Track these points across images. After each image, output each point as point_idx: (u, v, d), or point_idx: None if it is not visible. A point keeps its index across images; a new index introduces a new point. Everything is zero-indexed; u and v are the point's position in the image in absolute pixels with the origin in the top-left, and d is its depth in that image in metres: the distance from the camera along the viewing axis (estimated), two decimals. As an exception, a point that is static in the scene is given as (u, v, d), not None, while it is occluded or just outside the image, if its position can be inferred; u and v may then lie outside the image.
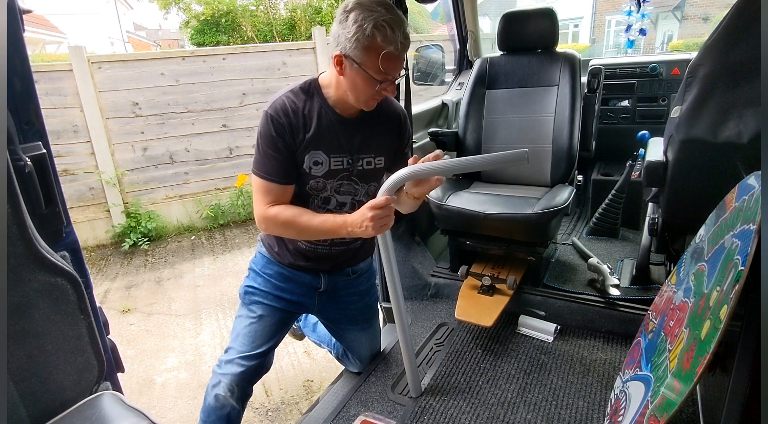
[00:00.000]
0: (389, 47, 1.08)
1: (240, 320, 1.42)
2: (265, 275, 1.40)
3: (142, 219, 3.92)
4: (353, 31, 1.06)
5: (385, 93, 1.17)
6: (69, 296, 0.78)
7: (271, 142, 1.17)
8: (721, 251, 0.96)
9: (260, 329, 1.39)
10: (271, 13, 8.01)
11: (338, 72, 1.14)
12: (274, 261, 1.40)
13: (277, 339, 1.44)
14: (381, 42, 1.07)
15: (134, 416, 0.75)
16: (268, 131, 1.17)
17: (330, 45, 1.15)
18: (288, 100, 1.18)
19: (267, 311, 1.40)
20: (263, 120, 1.17)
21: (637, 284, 1.89)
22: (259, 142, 1.19)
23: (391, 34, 1.07)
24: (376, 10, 1.07)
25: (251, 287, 1.41)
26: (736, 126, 1.10)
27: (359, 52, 1.08)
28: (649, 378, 1.08)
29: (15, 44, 0.75)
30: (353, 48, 1.08)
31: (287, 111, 1.17)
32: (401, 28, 1.09)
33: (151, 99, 3.88)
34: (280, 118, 1.16)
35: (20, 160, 0.76)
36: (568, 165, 2.05)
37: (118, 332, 2.64)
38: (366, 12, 1.06)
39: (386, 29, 1.06)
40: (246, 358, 1.35)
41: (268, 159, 1.19)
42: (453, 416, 1.41)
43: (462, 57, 2.67)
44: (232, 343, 1.40)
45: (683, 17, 14.47)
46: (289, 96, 1.19)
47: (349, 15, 1.07)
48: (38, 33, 10.30)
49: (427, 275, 2.11)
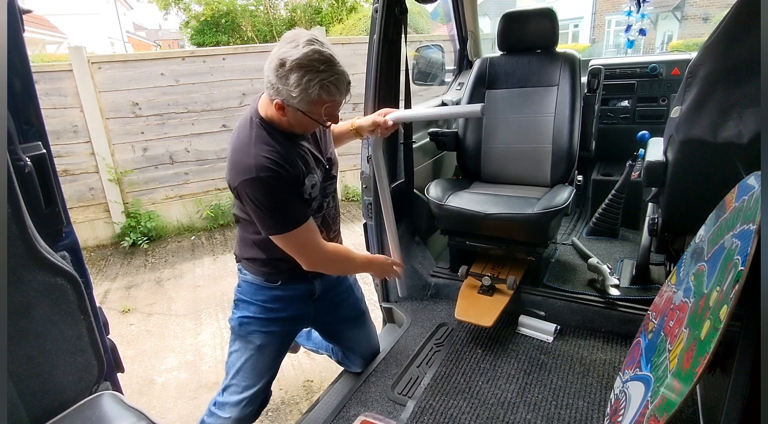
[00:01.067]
0: (334, 99, 1.10)
1: (237, 353, 1.38)
2: (258, 302, 1.36)
3: (142, 219, 3.92)
4: (297, 92, 1.06)
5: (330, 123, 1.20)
6: (69, 296, 0.78)
7: (281, 195, 1.15)
8: (721, 251, 0.96)
9: (261, 359, 1.37)
10: (271, 13, 8.01)
11: (280, 114, 1.13)
12: (265, 286, 1.35)
13: (278, 365, 1.44)
14: (326, 98, 1.08)
15: (134, 416, 0.75)
16: (273, 189, 1.12)
17: (266, 87, 1.12)
18: (266, 153, 1.13)
19: (266, 339, 1.37)
20: (258, 186, 1.11)
21: (637, 284, 1.89)
22: (269, 207, 1.14)
23: (335, 90, 1.08)
24: (318, 70, 1.05)
25: (246, 317, 1.36)
26: (736, 126, 1.10)
27: (303, 105, 1.08)
28: (649, 378, 1.07)
29: (15, 44, 0.76)
30: (297, 103, 1.08)
31: (275, 161, 1.13)
32: (344, 81, 1.09)
33: (151, 99, 3.88)
34: (275, 171, 1.12)
35: (20, 160, 0.76)
36: (568, 165, 2.05)
37: (118, 332, 2.64)
38: (308, 74, 1.04)
39: (331, 88, 1.07)
40: (252, 396, 1.35)
41: (289, 210, 1.16)
42: (453, 416, 1.41)
43: (462, 57, 2.67)
44: (232, 379, 1.36)
45: (683, 17, 14.46)
46: (262, 148, 1.14)
47: (290, 75, 1.05)
48: (38, 33, 10.30)
49: (427, 275, 2.11)
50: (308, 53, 1.04)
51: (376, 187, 1.85)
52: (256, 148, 1.13)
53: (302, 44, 1.05)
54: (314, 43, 1.05)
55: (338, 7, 7.78)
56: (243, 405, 1.34)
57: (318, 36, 1.08)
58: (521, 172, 2.15)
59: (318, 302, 1.45)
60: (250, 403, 1.35)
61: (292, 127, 1.18)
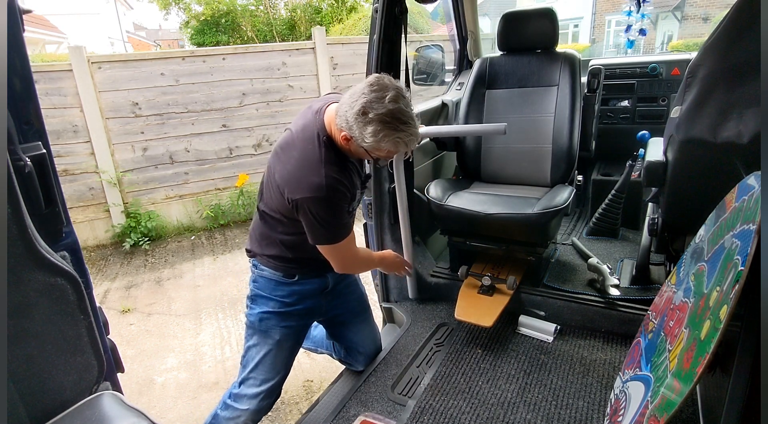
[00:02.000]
0: (399, 151, 1.19)
1: (256, 348, 1.41)
2: (277, 297, 1.39)
3: (142, 219, 3.92)
4: (370, 140, 1.12)
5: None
6: (69, 296, 0.78)
7: (342, 211, 1.24)
8: (721, 251, 0.96)
9: (280, 353, 1.41)
10: (271, 13, 8.01)
11: (344, 143, 1.19)
12: (284, 281, 1.39)
13: (293, 360, 1.49)
14: (394, 150, 1.18)
15: (134, 416, 0.75)
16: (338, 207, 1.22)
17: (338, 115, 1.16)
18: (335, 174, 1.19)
19: (284, 334, 1.41)
20: (327, 203, 1.18)
21: (637, 284, 1.89)
22: (330, 222, 1.22)
23: (404, 147, 1.16)
24: (396, 129, 1.10)
25: (266, 313, 1.40)
26: (736, 126, 1.10)
27: (369, 139, 1.12)
28: (649, 378, 1.08)
29: (15, 44, 0.76)
30: (362, 136, 1.12)
31: (342, 183, 1.20)
32: (415, 141, 1.16)
33: (151, 99, 3.88)
34: (342, 193, 1.21)
35: (20, 160, 0.76)
36: (568, 165, 2.05)
37: (118, 332, 2.64)
38: (388, 130, 1.10)
39: (401, 145, 1.14)
40: (270, 390, 1.40)
41: (344, 224, 1.26)
42: (453, 416, 1.41)
43: (462, 57, 2.67)
44: (251, 373, 1.40)
45: (683, 17, 14.46)
46: (332, 169, 1.19)
47: (369, 126, 1.10)
48: (38, 33, 10.30)
49: (427, 275, 2.11)
50: (393, 111, 1.09)
51: (376, 188, 1.86)
52: (326, 168, 1.18)
53: (388, 99, 1.10)
54: (399, 101, 1.11)
55: (338, 7, 7.78)
56: (260, 398, 1.38)
57: (403, 90, 1.14)
58: (521, 172, 2.15)
59: (330, 295, 1.51)
60: (267, 396, 1.39)
61: (348, 153, 1.24)
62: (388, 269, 1.63)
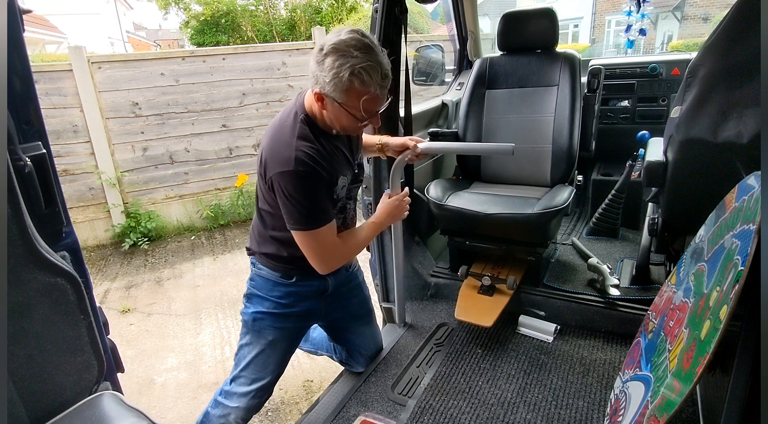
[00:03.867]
0: (369, 90, 1.08)
1: (249, 347, 1.39)
2: (273, 298, 1.36)
3: (142, 219, 3.92)
4: (330, 77, 1.06)
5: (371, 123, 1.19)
6: (69, 296, 0.78)
7: (314, 193, 1.15)
8: (721, 251, 0.96)
9: (273, 354, 1.39)
10: (271, 13, 8.01)
11: (320, 106, 1.14)
12: (281, 281, 1.36)
13: (288, 361, 1.46)
14: (359, 87, 1.07)
15: (134, 416, 0.75)
16: (307, 186, 1.13)
17: (309, 78, 1.13)
18: (307, 149, 1.14)
19: (279, 335, 1.38)
20: (293, 180, 1.12)
21: (637, 284, 1.89)
22: (299, 202, 1.14)
23: (368, 79, 1.06)
24: (352, 56, 1.04)
25: (260, 313, 1.37)
26: (736, 126, 1.10)
27: (339, 93, 1.08)
28: (649, 378, 1.07)
29: (15, 44, 0.75)
30: (332, 90, 1.08)
31: (314, 159, 1.14)
32: (380, 70, 1.08)
33: (151, 99, 3.88)
34: (312, 169, 1.13)
35: (20, 160, 0.76)
36: (568, 165, 2.05)
37: (118, 332, 2.64)
38: (342, 58, 1.04)
39: (363, 75, 1.05)
40: (260, 389, 1.37)
41: (317, 209, 1.17)
42: (453, 416, 1.41)
43: (462, 57, 2.67)
44: (242, 371, 1.38)
45: (683, 17, 14.46)
46: (303, 144, 1.14)
47: (326, 59, 1.06)
48: (38, 33, 10.29)
49: (427, 275, 2.11)
50: (346, 39, 1.05)
51: (376, 188, 1.85)
52: (297, 142, 1.14)
53: (344, 33, 1.06)
54: (355, 32, 1.07)
55: (338, 7, 7.78)
56: (250, 397, 1.36)
57: (364, 30, 1.09)
58: (521, 172, 2.15)
59: (329, 298, 1.46)
60: (257, 395, 1.37)
61: (331, 124, 1.18)
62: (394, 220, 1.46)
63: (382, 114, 1.21)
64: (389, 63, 1.11)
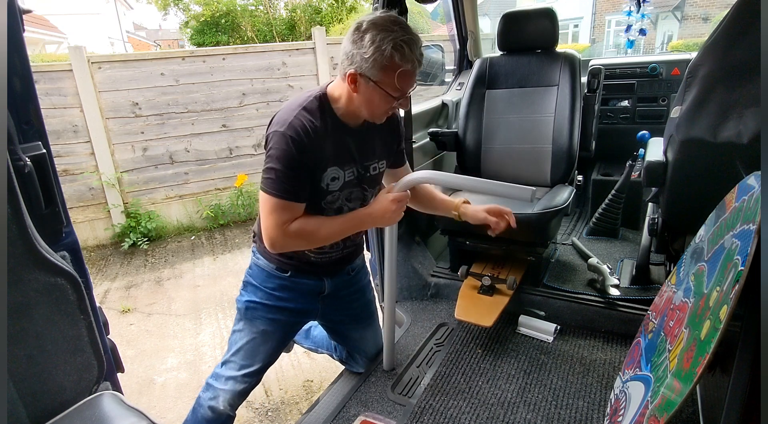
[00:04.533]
0: (407, 65, 1.10)
1: (241, 334, 1.39)
2: (267, 288, 1.36)
3: (142, 219, 3.92)
4: (371, 52, 1.07)
5: (398, 107, 1.18)
6: (69, 296, 0.78)
7: (292, 162, 1.13)
8: (721, 251, 0.96)
9: (263, 344, 1.38)
10: (270, 13, 8.01)
11: (352, 89, 1.14)
12: (275, 274, 1.36)
13: (278, 354, 1.45)
14: (399, 61, 1.08)
15: (134, 416, 0.75)
16: (289, 152, 1.12)
17: (341, 63, 1.14)
18: (305, 120, 1.14)
19: (271, 326, 1.38)
20: (280, 141, 1.12)
21: (637, 284, 1.89)
22: (276, 163, 1.13)
23: (409, 53, 1.08)
24: (393, 30, 1.07)
25: (252, 302, 1.37)
26: (736, 126, 1.10)
27: (376, 71, 1.09)
28: (649, 378, 1.08)
29: (15, 44, 0.76)
30: (370, 67, 1.09)
31: (307, 131, 1.13)
32: (417, 46, 1.11)
33: (151, 99, 3.88)
34: (301, 138, 1.12)
35: (20, 160, 0.76)
36: (568, 165, 2.05)
37: (118, 332, 2.64)
38: (383, 32, 1.06)
39: (404, 49, 1.07)
40: (248, 375, 1.36)
41: (288, 180, 1.14)
42: (453, 416, 1.41)
43: (462, 57, 2.67)
44: (232, 356, 1.38)
45: (683, 17, 14.46)
46: (305, 115, 1.15)
47: (365, 35, 1.07)
48: (38, 33, 10.29)
49: (427, 275, 2.11)
50: (384, 17, 1.09)
51: None
52: (300, 111, 1.15)
53: (378, 14, 1.10)
54: (390, 13, 1.11)
55: (338, 7, 7.78)
56: (239, 381, 1.36)
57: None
58: (521, 172, 2.15)
59: (328, 299, 1.46)
60: (245, 380, 1.37)
61: (358, 110, 1.18)
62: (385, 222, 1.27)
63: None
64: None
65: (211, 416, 1.33)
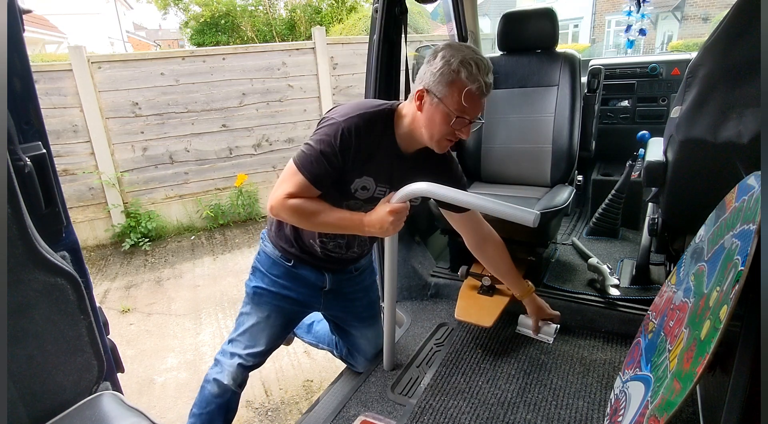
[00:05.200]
0: (473, 85, 1.11)
1: (248, 316, 1.44)
2: (272, 275, 1.42)
3: (142, 219, 3.92)
4: (439, 66, 1.10)
5: (459, 134, 1.18)
6: (69, 296, 0.78)
7: (330, 151, 1.14)
8: (721, 251, 0.96)
9: (268, 329, 1.43)
10: (270, 13, 8.02)
11: (417, 107, 1.16)
12: (279, 261, 1.41)
13: (282, 339, 1.50)
14: (465, 78, 1.10)
15: (134, 416, 0.75)
16: (333, 143, 1.14)
17: (414, 84, 1.19)
18: (364, 124, 1.16)
19: (275, 312, 1.43)
20: (332, 129, 1.14)
21: (637, 284, 1.89)
22: (318, 144, 1.15)
23: (476, 72, 1.10)
24: (464, 50, 1.12)
25: (259, 288, 1.43)
26: (736, 126, 1.10)
27: (442, 86, 1.11)
28: (649, 378, 1.08)
29: (15, 44, 0.76)
30: (436, 82, 1.11)
31: (359, 134, 1.15)
32: (487, 70, 1.13)
33: (151, 99, 3.88)
34: (350, 137, 1.14)
35: (20, 160, 0.76)
36: (567, 165, 2.05)
37: (118, 332, 2.64)
38: (454, 50, 1.12)
39: (472, 67, 1.10)
40: (252, 355, 1.41)
41: (318, 163, 1.15)
42: (453, 416, 1.41)
43: (462, 57, 2.66)
44: (239, 336, 1.43)
45: (683, 17, 14.46)
46: (367, 120, 1.16)
47: (438, 54, 1.12)
48: (38, 33, 10.29)
49: (427, 275, 2.11)
50: (460, 43, 1.17)
51: None
52: (365, 114, 1.17)
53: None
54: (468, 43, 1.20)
55: (338, 7, 7.78)
56: (243, 358, 1.41)
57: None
58: (521, 172, 2.15)
59: (330, 294, 1.49)
60: (249, 359, 1.42)
61: (420, 133, 1.19)
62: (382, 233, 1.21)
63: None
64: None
65: (217, 391, 1.37)
